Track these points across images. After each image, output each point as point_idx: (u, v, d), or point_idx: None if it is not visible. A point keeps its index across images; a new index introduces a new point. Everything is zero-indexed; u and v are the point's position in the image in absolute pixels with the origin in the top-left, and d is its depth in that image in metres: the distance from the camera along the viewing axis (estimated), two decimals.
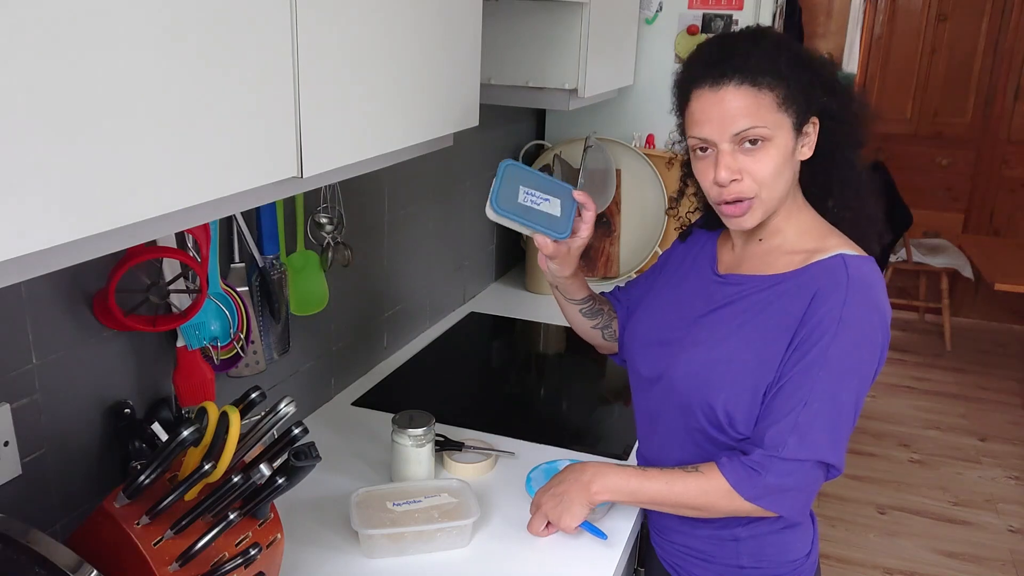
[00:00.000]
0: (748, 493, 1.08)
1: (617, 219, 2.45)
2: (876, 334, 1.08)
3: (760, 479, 1.07)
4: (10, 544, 0.83)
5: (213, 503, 0.95)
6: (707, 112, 1.08)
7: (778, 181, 1.09)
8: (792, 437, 1.06)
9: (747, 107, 1.05)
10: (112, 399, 1.17)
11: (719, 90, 1.06)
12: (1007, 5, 4.52)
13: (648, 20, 2.41)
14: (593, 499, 1.20)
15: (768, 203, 1.11)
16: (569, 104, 1.85)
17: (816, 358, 1.06)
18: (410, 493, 1.29)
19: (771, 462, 1.06)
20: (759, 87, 1.05)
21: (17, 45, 0.57)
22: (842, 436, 1.08)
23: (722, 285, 1.20)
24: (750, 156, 1.07)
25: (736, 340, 1.13)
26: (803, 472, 1.07)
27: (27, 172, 0.59)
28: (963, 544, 2.99)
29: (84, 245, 0.67)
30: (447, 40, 1.17)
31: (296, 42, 0.85)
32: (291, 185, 0.91)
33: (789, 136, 1.08)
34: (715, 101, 1.07)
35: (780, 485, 1.07)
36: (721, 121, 1.07)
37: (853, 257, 1.10)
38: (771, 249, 1.17)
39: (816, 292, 1.08)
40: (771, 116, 1.06)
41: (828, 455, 1.07)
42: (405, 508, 1.25)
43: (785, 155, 1.08)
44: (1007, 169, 4.72)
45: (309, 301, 1.56)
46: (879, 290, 1.10)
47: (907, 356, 4.51)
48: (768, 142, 1.07)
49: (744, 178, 1.08)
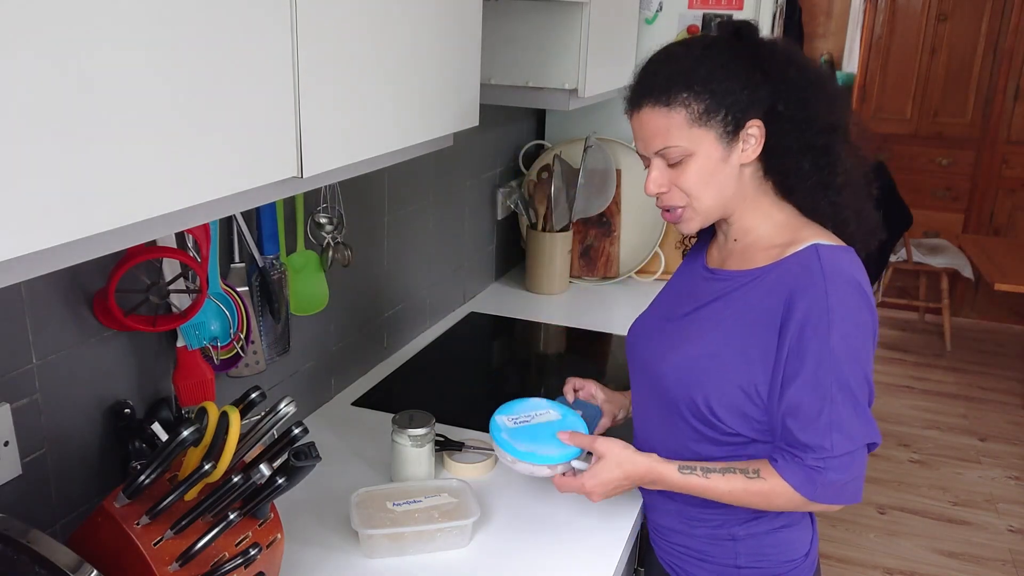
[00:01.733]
0: (812, 493, 1.09)
1: (617, 219, 2.45)
2: (864, 314, 1.09)
3: (821, 477, 1.08)
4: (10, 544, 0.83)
5: (213, 503, 0.95)
6: (635, 132, 1.17)
7: (708, 190, 1.14)
8: (835, 435, 1.07)
9: (659, 128, 1.12)
10: (112, 399, 1.17)
11: (638, 112, 1.14)
12: (1007, 5, 4.52)
13: (648, 20, 2.41)
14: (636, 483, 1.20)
15: (703, 211, 1.16)
16: (569, 104, 1.85)
17: (822, 353, 1.07)
18: (410, 493, 1.29)
19: (826, 462, 1.08)
20: (671, 106, 1.11)
21: (17, 46, 0.57)
22: (869, 414, 1.10)
23: (710, 281, 1.22)
24: (675, 170, 1.14)
25: (717, 336, 1.15)
26: (855, 461, 1.09)
27: (27, 172, 0.59)
28: (963, 544, 2.99)
29: (84, 245, 0.67)
30: (447, 40, 1.18)
31: (296, 42, 0.85)
32: (291, 185, 0.92)
33: (714, 147, 1.12)
34: (637, 123, 1.15)
35: (839, 479, 1.08)
36: (643, 141, 1.15)
37: (826, 247, 1.12)
38: (748, 246, 1.19)
39: (793, 287, 1.09)
40: (685, 133, 1.11)
41: (869, 436, 1.09)
42: (405, 508, 1.25)
43: (711, 165, 1.12)
44: (1007, 169, 4.72)
45: (309, 301, 1.56)
46: (856, 273, 1.11)
47: (907, 356, 4.51)
48: (689, 157, 1.12)
49: (671, 190, 1.15)
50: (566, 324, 2.14)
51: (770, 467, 1.11)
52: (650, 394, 1.25)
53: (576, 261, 2.45)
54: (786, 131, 1.13)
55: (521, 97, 1.86)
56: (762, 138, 1.13)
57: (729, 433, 1.15)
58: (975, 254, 4.08)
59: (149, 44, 0.67)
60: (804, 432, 1.08)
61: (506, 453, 1.23)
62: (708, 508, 1.21)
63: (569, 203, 2.32)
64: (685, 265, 1.34)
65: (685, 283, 1.29)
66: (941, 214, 4.87)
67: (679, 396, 1.17)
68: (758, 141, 1.13)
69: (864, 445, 1.09)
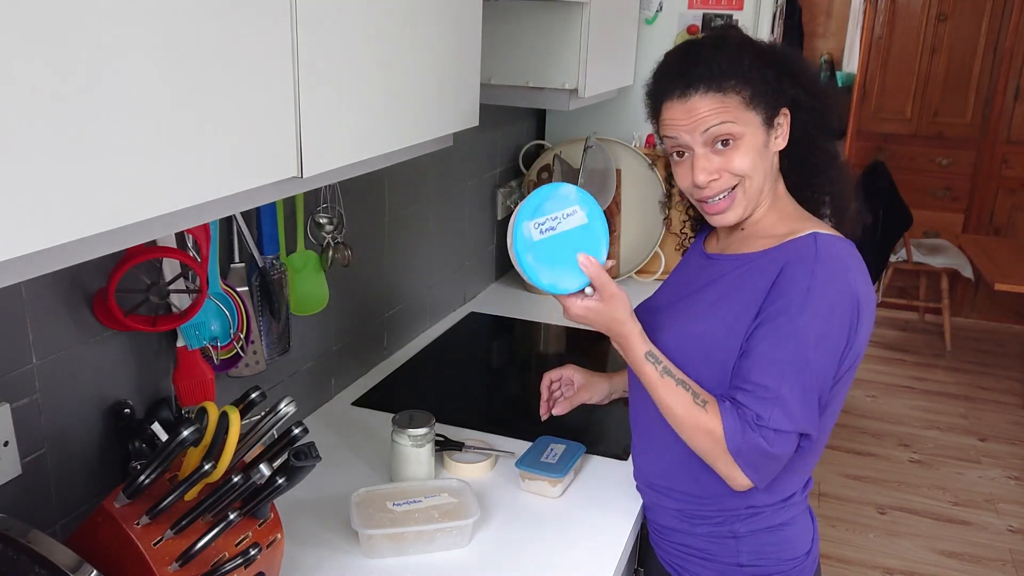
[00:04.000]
0: (735, 445, 1.09)
1: (617, 219, 2.45)
2: (845, 307, 1.10)
3: (751, 436, 1.08)
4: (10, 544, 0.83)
5: (213, 503, 0.95)
6: (678, 120, 1.14)
7: (756, 174, 1.15)
8: (777, 409, 1.08)
9: (714, 110, 1.12)
10: (112, 399, 1.17)
11: (687, 100, 1.13)
12: (1007, 5, 4.52)
13: (648, 20, 2.41)
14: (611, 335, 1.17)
15: (750, 196, 1.16)
16: (569, 104, 1.85)
17: (787, 329, 1.08)
18: (410, 493, 1.29)
19: (760, 429, 1.08)
20: (724, 92, 1.12)
21: (17, 46, 0.57)
22: (815, 406, 1.11)
23: (707, 266, 1.25)
24: (723, 156, 1.14)
25: (710, 317, 1.17)
26: (786, 442, 1.09)
27: (27, 172, 0.59)
28: (963, 544, 2.99)
29: (84, 245, 0.68)
30: (447, 40, 1.18)
31: (296, 42, 0.85)
32: (291, 185, 0.92)
33: (759, 132, 1.14)
34: (685, 110, 1.13)
35: (763, 448, 1.08)
36: (692, 126, 1.13)
37: (825, 235, 1.14)
38: (750, 234, 1.21)
39: (784, 266, 1.11)
40: (741, 114, 1.12)
41: (808, 426, 1.10)
42: (405, 508, 1.25)
43: (758, 149, 1.14)
44: (1007, 169, 4.72)
45: (309, 301, 1.56)
46: (851, 267, 1.12)
47: (907, 356, 4.51)
48: (739, 140, 1.13)
49: (722, 176, 1.15)
50: (566, 324, 2.14)
51: (716, 405, 1.11)
52: None
53: None
54: (808, 120, 1.17)
55: (521, 97, 1.86)
56: (788, 127, 1.17)
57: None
58: (975, 254, 4.08)
59: (149, 44, 0.67)
60: (749, 397, 1.09)
61: (524, 274, 1.15)
62: (709, 506, 1.22)
63: None
64: (688, 254, 1.36)
65: (685, 269, 1.32)
66: (941, 214, 4.87)
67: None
68: (785, 130, 1.17)
69: (798, 432, 1.10)
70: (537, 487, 1.39)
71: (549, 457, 1.42)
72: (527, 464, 1.40)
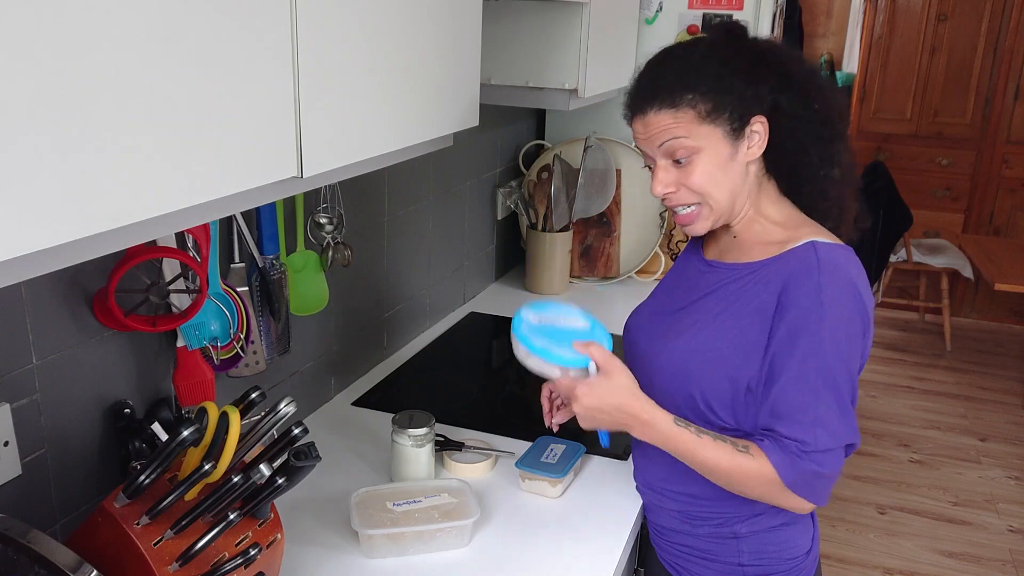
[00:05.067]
0: (791, 479, 1.08)
1: (617, 219, 2.45)
2: (855, 313, 1.10)
3: (801, 464, 1.08)
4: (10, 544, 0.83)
5: (213, 503, 0.95)
6: (639, 134, 1.17)
7: (718, 188, 1.14)
8: (818, 430, 1.07)
9: (667, 127, 1.12)
10: (112, 399, 1.17)
11: (644, 116, 1.15)
12: (1007, 5, 4.52)
13: (648, 20, 2.41)
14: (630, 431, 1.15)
15: (717, 209, 1.16)
16: (569, 104, 1.85)
17: (811, 347, 1.07)
18: (410, 493, 1.29)
19: (808, 454, 1.08)
20: (678, 107, 1.11)
21: (16, 46, 0.57)
22: (852, 415, 1.10)
23: (707, 273, 1.23)
24: (682, 170, 1.14)
25: (713, 330, 1.16)
26: (833, 459, 1.09)
27: (27, 172, 0.59)
28: (963, 544, 2.99)
29: (84, 245, 0.67)
30: (447, 40, 1.18)
31: (296, 42, 0.85)
32: (291, 185, 0.92)
33: (721, 144, 1.12)
34: (641, 126, 1.16)
35: (817, 472, 1.08)
36: (648, 139, 1.15)
37: (824, 244, 1.12)
38: (746, 240, 1.20)
39: (787, 280, 1.10)
40: (694, 129, 1.11)
41: (850, 437, 1.10)
42: (405, 508, 1.25)
43: (719, 162, 1.13)
44: (1007, 169, 4.72)
45: (309, 301, 1.56)
46: (854, 274, 1.11)
47: (907, 356, 4.51)
48: (696, 154, 1.12)
49: (679, 190, 1.15)
50: None
51: (758, 447, 1.11)
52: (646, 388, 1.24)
53: (576, 261, 2.45)
54: (791, 125, 1.14)
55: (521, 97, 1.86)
56: (766, 135, 1.14)
57: (724, 428, 1.16)
58: (975, 254, 4.08)
59: (149, 45, 0.67)
60: (789, 425, 1.08)
61: (520, 345, 1.17)
62: (710, 507, 1.21)
63: (569, 203, 2.32)
64: (682, 259, 1.35)
65: (681, 276, 1.31)
66: (941, 214, 4.87)
67: (675, 390, 1.17)
68: (762, 138, 1.14)
69: (844, 445, 1.10)
70: (537, 487, 1.39)
71: (549, 457, 1.42)
72: (527, 464, 1.40)
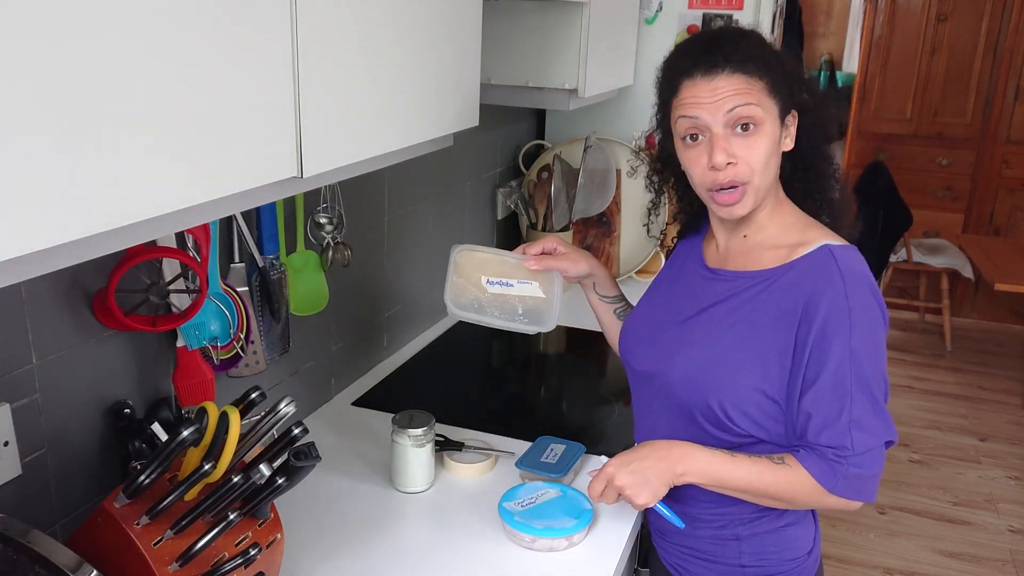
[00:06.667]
0: (831, 484, 1.08)
1: (617, 219, 2.45)
2: (878, 314, 1.10)
3: (842, 469, 1.08)
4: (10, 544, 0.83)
5: (213, 503, 0.95)
6: (701, 98, 1.10)
7: (768, 169, 1.12)
8: (855, 432, 1.07)
9: (740, 90, 1.09)
10: (112, 399, 1.17)
11: (713, 78, 1.09)
12: (1007, 5, 4.52)
13: (648, 20, 2.41)
14: (677, 480, 1.13)
15: (759, 191, 1.13)
16: (569, 104, 1.85)
17: (843, 353, 1.07)
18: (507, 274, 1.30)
19: (848, 459, 1.08)
20: (750, 75, 1.09)
21: (17, 46, 0.57)
22: (887, 412, 1.10)
23: (712, 281, 1.21)
24: (743, 140, 1.10)
25: (730, 339, 1.14)
26: (875, 458, 1.09)
27: (27, 172, 0.59)
28: (963, 544, 2.99)
29: (84, 245, 0.68)
30: (447, 40, 1.18)
31: (296, 42, 0.85)
32: (291, 185, 0.92)
33: (776, 124, 1.12)
34: (709, 88, 1.09)
35: (859, 474, 1.08)
36: (716, 105, 1.09)
37: (838, 247, 1.12)
38: (755, 245, 1.18)
39: (812, 289, 1.09)
40: (763, 100, 1.10)
41: (888, 434, 1.09)
42: (497, 290, 1.27)
43: (774, 142, 1.12)
44: (1007, 169, 4.72)
45: (309, 301, 1.56)
46: (868, 274, 1.12)
47: (907, 356, 4.51)
48: (759, 127, 1.10)
49: (739, 162, 1.10)
50: (566, 324, 2.14)
51: (794, 458, 1.10)
52: (656, 400, 1.24)
53: None
54: (813, 125, 1.16)
55: (521, 97, 1.86)
56: (795, 130, 1.16)
57: (741, 435, 1.15)
58: (975, 254, 4.08)
59: (149, 45, 0.67)
60: (825, 433, 1.08)
61: (524, 534, 1.24)
62: (711, 508, 1.21)
63: (569, 203, 2.32)
64: (677, 265, 1.32)
65: (683, 284, 1.27)
66: (941, 214, 4.87)
67: (691, 401, 1.16)
68: (792, 132, 1.15)
69: (883, 443, 1.09)
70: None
71: (549, 457, 1.42)
72: (527, 464, 1.40)
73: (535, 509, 1.28)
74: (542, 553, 1.24)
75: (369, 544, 1.26)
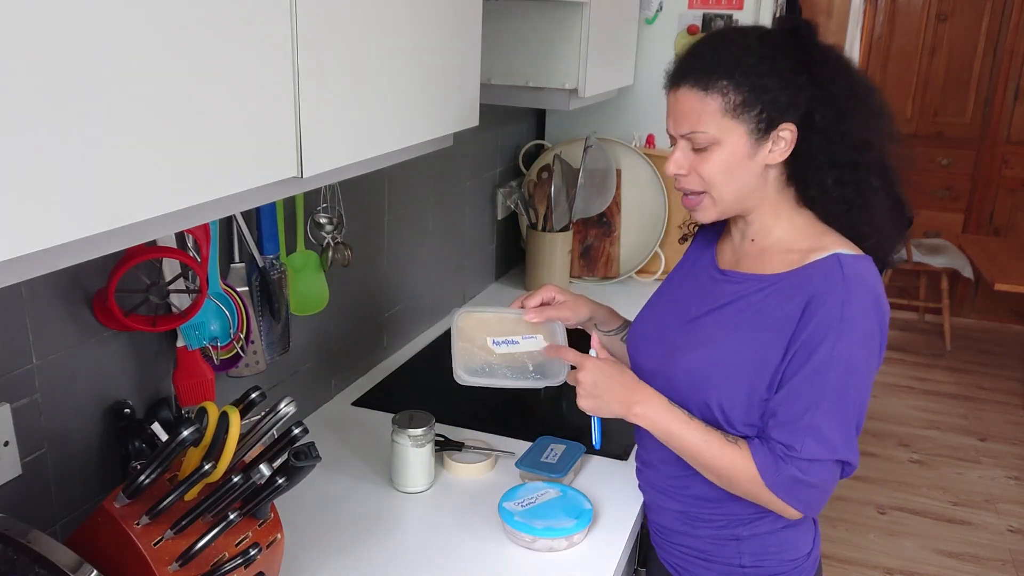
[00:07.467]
0: (770, 480, 1.09)
1: (617, 219, 2.45)
2: (875, 331, 1.09)
3: (784, 467, 1.08)
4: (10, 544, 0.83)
5: (213, 503, 0.95)
6: (669, 110, 1.15)
7: (729, 182, 1.12)
8: (808, 438, 1.06)
9: (692, 110, 1.10)
10: (112, 399, 1.17)
11: (676, 91, 1.12)
12: (1007, 5, 4.52)
13: (648, 20, 2.41)
14: (629, 416, 1.17)
15: (721, 202, 1.14)
16: (569, 104, 1.85)
17: (824, 358, 1.06)
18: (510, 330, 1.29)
19: (793, 461, 1.08)
20: (708, 91, 1.08)
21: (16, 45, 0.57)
22: (854, 434, 1.09)
23: (722, 283, 1.21)
24: (698, 156, 1.12)
25: (733, 340, 1.14)
26: (822, 470, 1.08)
27: (28, 172, 0.59)
28: (963, 544, 2.99)
29: (84, 245, 0.68)
30: (447, 40, 1.18)
31: (296, 42, 0.85)
32: (291, 185, 0.92)
33: (742, 141, 1.09)
34: (672, 101, 1.13)
35: (800, 479, 1.08)
36: (675, 120, 1.13)
37: (848, 256, 1.10)
38: (766, 248, 1.18)
39: (813, 293, 1.08)
40: (716, 121, 1.09)
41: (844, 453, 1.08)
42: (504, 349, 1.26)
43: (736, 159, 1.10)
44: (1007, 169, 4.72)
45: (309, 301, 1.56)
46: (877, 287, 1.10)
47: (907, 356, 4.51)
48: (715, 145, 1.10)
49: (691, 174, 1.13)
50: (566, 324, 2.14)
51: (746, 444, 1.11)
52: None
53: (576, 261, 2.45)
54: (817, 141, 1.10)
55: (521, 97, 1.86)
56: (793, 142, 1.10)
57: (736, 433, 1.15)
58: (975, 254, 4.08)
59: (149, 45, 0.67)
60: (781, 430, 1.08)
61: (524, 534, 1.25)
62: (712, 509, 1.21)
63: (569, 203, 2.32)
64: (689, 264, 1.32)
65: (693, 283, 1.27)
66: (941, 214, 4.87)
67: (690, 398, 1.16)
68: (788, 145, 1.10)
69: (836, 461, 1.08)
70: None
71: (549, 457, 1.42)
72: (527, 464, 1.40)
73: (535, 509, 1.28)
74: (542, 553, 1.25)
75: (369, 544, 1.26)
